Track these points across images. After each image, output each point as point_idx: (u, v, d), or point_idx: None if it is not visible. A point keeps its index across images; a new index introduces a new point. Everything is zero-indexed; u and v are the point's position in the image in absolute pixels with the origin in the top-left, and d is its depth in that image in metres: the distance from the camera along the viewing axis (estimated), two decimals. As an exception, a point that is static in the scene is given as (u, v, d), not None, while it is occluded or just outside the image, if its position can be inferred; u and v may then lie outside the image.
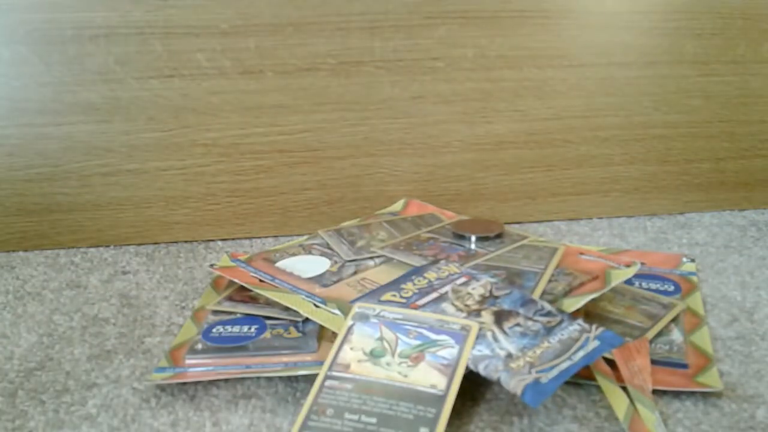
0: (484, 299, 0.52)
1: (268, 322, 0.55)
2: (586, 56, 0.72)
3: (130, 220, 0.73)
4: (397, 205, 0.74)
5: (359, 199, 0.75)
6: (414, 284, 0.54)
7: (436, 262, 0.58)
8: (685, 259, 0.67)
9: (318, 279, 0.57)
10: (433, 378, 0.45)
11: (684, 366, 0.50)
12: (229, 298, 0.59)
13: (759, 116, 0.76)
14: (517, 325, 0.48)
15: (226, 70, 0.69)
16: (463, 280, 0.54)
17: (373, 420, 0.43)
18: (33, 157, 0.69)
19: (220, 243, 0.74)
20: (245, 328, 0.54)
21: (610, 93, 0.74)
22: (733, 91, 0.75)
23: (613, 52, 0.73)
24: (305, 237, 0.68)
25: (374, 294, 0.53)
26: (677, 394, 0.48)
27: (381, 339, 0.48)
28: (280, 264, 0.60)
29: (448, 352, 0.46)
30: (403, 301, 0.52)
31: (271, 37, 0.69)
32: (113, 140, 0.70)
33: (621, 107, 0.75)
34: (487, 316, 0.49)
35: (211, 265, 0.62)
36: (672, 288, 0.61)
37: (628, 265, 0.57)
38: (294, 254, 0.62)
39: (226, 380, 0.51)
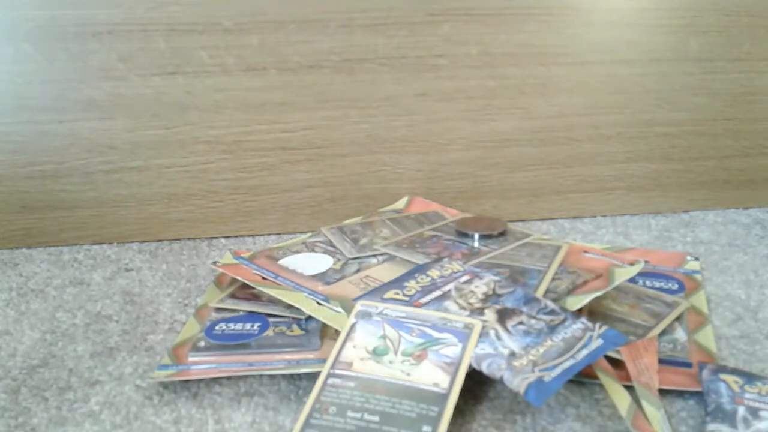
0: (487, 297, 0.51)
1: (271, 319, 0.55)
2: (590, 53, 0.72)
3: (133, 218, 0.73)
4: (401, 203, 0.74)
5: (362, 197, 0.75)
6: (417, 282, 0.54)
7: (439, 260, 0.58)
8: (689, 258, 0.66)
9: (321, 277, 0.57)
10: (435, 376, 0.45)
11: (688, 365, 0.50)
12: (232, 296, 0.59)
13: (764, 114, 0.76)
14: (521, 323, 0.48)
15: (229, 68, 0.69)
16: (466, 278, 0.54)
17: (376, 418, 0.43)
18: (36, 154, 0.70)
19: (223, 240, 0.74)
20: (248, 326, 0.54)
21: (614, 90, 0.74)
22: (737, 88, 0.75)
23: (617, 49, 0.72)
24: (308, 234, 0.68)
25: (377, 292, 0.53)
26: (681, 393, 0.48)
27: (384, 337, 0.48)
28: (282, 261, 0.60)
29: (451, 351, 0.46)
30: (406, 299, 0.52)
31: (274, 35, 0.68)
32: (116, 137, 0.70)
33: (625, 105, 0.74)
34: (490, 315, 0.49)
35: (214, 263, 0.62)
36: (676, 286, 0.61)
37: (631, 264, 0.57)
38: (297, 252, 0.62)
39: (229, 378, 0.51)
